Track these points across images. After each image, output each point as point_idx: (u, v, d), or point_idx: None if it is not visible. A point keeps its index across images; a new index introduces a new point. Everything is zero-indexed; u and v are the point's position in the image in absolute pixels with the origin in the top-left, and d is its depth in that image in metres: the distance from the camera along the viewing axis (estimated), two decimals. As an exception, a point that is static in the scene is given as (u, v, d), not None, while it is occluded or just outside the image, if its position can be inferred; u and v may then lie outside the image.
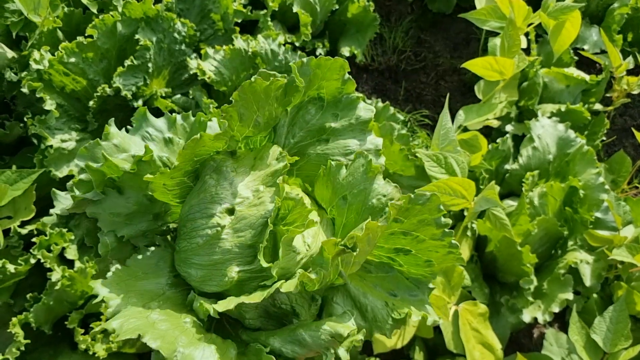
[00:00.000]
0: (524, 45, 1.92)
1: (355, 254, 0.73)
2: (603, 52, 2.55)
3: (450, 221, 0.82)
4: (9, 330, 1.60)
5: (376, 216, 0.81)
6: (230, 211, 0.78)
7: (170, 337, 0.68)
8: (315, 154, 0.92)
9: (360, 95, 0.92)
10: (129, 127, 0.88)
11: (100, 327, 0.72)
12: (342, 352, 0.74)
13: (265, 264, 0.74)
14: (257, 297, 0.69)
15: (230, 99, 0.78)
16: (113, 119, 0.96)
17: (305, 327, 0.75)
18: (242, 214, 0.78)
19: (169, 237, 0.90)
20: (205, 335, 0.73)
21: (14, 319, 1.57)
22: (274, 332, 0.77)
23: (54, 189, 0.91)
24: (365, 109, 0.91)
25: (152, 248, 0.86)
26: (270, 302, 0.72)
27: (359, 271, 0.84)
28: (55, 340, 1.72)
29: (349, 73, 0.91)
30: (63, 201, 0.91)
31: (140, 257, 0.84)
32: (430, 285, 0.89)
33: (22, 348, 1.55)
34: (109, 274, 0.78)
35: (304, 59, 0.86)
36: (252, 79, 0.77)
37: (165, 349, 0.66)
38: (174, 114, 0.90)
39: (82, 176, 0.84)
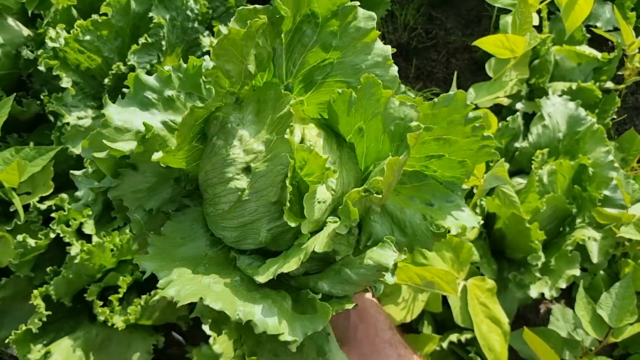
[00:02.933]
0: (535, 22, 1.91)
1: (381, 196, 0.71)
2: (616, 29, 2.53)
3: (480, 113, 0.77)
4: (30, 302, 1.66)
5: (397, 141, 0.77)
6: (247, 170, 0.76)
7: (229, 297, 0.67)
8: (322, 79, 0.85)
9: (357, 3, 0.83)
10: (125, 91, 0.82)
11: (159, 295, 0.71)
12: (388, 277, 0.74)
13: (293, 224, 0.72)
14: (294, 264, 0.68)
15: (210, 58, 0.72)
16: (106, 96, 0.89)
17: (350, 264, 0.74)
18: (259, 171, 0.75)
19: (196, 196, 0.87)
20: (258, 291, 0.73)
21: (35, 292, 1.63)
22: (321, 276, 0.77)
23: (71, 172, 0.86)
24: (365, 17, 0.83)
25: (183, 211, 0.84)
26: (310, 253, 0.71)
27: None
28: (74, 312, 1.78)
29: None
30: (85, 183, 0.85)
31: (173, 223, 0.82)
32: (464, 187, 0.84)
33: (44, 319, 1.60)
34: (149, 248, 0.75)
35: None
36: (227, 29, 0.70)
37: (228, 309, 0.66)
38: (167, 69, 0.83)
39: (93, 167, 0.79)
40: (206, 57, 0.83)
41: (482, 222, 0.79)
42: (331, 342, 0.81)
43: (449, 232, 0.80)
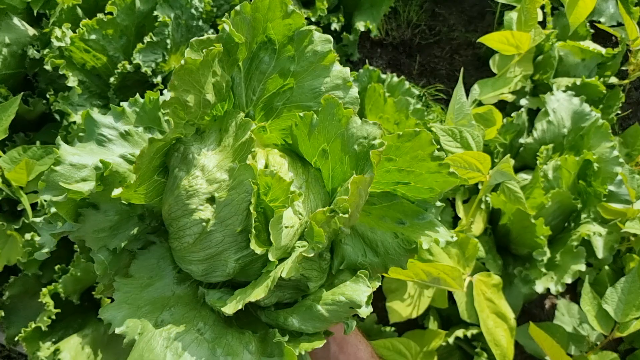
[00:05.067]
0: (539, 18, 1.91)
1: (348, 215, 0.70)
2: (620, 24, 2.53)
3: (444, 154, 0.77)
4: (38, 300, 1.68)
5: (361, 161, 0.76)
6: (211, 200, 0.74)
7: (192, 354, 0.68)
8: (283, 105, 0.84)
9: (312, 27, 0.81)
10: (81, 134, 0.79)
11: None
12: (363, 309, 0.71)
13: (260, 251, 0.71)
14: (262, 292, 0.67)
15: (166, 91, 0.70)
16: (59, 138, 0.85)
17: (321, 300, 0.73)
18: (223, 200, 0.73)
19: (162, 232, 0.84)
20: (222, 339, 0.72)
21: (44, 290, 1.64)
22: (292, 311, 0.75)
23: (32, 219, 0.82)
24: (321, 40, 0.81)
25: (149, 248, 0.82)
26: (278, 279, 0.70)
27: (364, 206, 0.80)
28: (82, 309, 1.79)
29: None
30: (46, 229, 0.81)
31: (139, 262, 0.79)
32: (438, 204, 0.83)
33: (53, 317, 1.61)
34: (115, 293, 0.73)
35: (236, 7, 0.76)
36: (183, 59, 0.69)
37: None
38: (121, 105, 0.80)
39: (52, 209, 0.74)
40: (165, 90, 0.81)
41: (454, 237, 0.75)
42: None
43: (421, 246, 0.78)
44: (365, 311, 0.72)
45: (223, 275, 0.77)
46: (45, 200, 0.74)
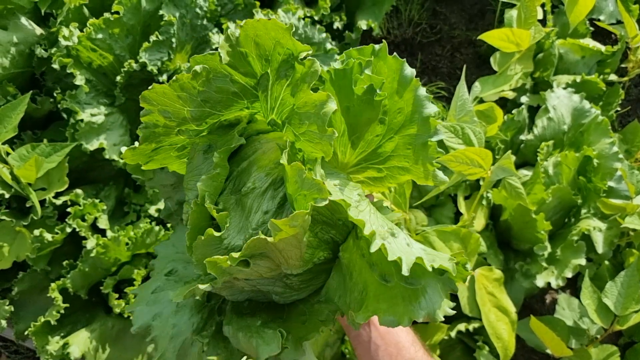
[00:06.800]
0: (539, 16, 1.93)
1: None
2: (619, 22, 2.55)
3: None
4: (47, 296, 1.70)
5: None
6: None
7: None
8: None
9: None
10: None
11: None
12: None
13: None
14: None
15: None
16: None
17: None
18: None
19: None
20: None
21: (53, 285, 1.66)
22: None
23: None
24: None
25: None
26: None
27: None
28: (90, 304, 1.81)
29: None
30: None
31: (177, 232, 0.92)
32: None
33: (62, 311, 1.64)
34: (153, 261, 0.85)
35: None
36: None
37: None
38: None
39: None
40: None
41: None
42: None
43: None
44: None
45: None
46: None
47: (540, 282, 1.79)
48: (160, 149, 0.79)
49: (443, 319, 0.65)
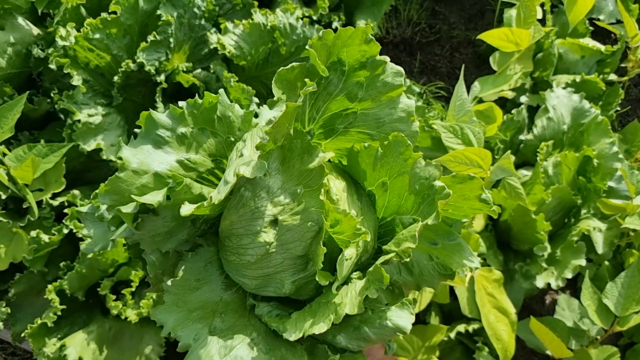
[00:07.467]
0: (539, 15, 1.93)
1: (409, 259, 0.76)
2: (619, 22, 2.54)
3: (490, 197, 0.79)
4: (43, 297, 1.69)
5: (419, 199, 0.79)
6: (274, 222, 0.76)
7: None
8: (344, 128, 0.85)
9: (387, 58, 0.83)
10: (137, 130, 0.80)
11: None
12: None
13: (324, 283, 0.75)
14: (324, 326, 0.70)
15: (262, 138, 0.71)
16: (120, 139, 0.84)
17: (369, 323, 0.76)
18: (286, 224, 0.75)
19: (209, 235, 0.87)
20: (273, 350, 0.75)
21: (50, 286, 1.66)
22: (340, 329, 0.78)
23: (77, 209, 0.81)
24: (393, 72, 0.83)
25: (197, 251, 0.84)
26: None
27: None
28: (87, 306, 1.81)
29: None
30: (96, 225, 0.82)
31: (187, 264, 0.82)
32: (463, 220, 0.86)
33: (59, 313, 1.63)
34: (165, 295, 0.76)
35: (320, 34, 0.78)
36: (282, 110, 0.70)
37: None
38: (180, 104, 0.82)
39: (110, 215, 0.75)
40: (221, 91, 0.83)
41: (476, 263, 0.80)
42: None
43: (458, 274, 0.84)
44: (407, 332, 0.76)
45: (277, 292, 0.81)
46: (103, 203, 0.75)
47: (540, 282, 1.78)
48: None
49: None
